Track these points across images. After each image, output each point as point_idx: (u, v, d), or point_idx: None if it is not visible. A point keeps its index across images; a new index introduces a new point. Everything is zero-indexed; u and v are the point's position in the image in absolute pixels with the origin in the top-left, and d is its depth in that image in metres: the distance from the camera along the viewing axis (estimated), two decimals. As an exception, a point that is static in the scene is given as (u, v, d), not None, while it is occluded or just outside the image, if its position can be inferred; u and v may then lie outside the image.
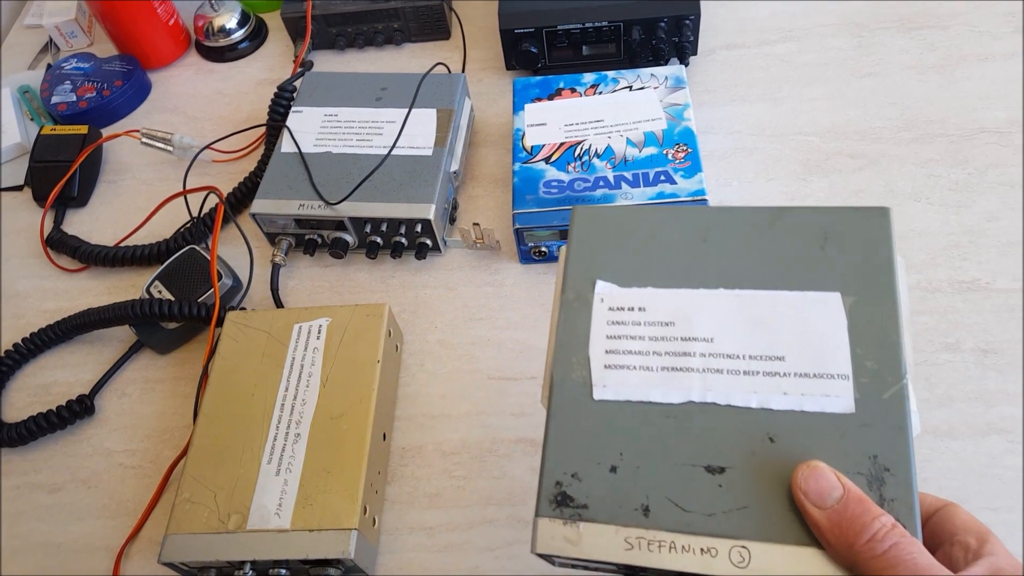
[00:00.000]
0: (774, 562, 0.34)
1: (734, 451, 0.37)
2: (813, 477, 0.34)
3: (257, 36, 0.95)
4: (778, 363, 0.38)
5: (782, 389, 0.37)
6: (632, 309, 0.41)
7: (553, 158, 0.68)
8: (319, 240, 0.71)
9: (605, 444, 0.38)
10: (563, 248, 0.45)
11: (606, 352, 0.41)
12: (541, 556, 0.37)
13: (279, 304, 0.69)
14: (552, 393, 0.40)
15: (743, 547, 0.34)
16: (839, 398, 0.37)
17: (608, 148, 0.68)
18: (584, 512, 0.37)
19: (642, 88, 0.72)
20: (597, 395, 0.40)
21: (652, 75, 0.73)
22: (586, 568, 0.38)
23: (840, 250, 0.41)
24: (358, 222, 0.68)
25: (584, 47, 0.80)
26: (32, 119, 0.89)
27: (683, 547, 0.35)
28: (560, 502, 0.37)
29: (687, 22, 0.77)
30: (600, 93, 0.73)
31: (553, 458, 0.38)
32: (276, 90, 0.79)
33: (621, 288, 0.42)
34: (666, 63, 0.80)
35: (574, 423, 0.39)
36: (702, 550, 0.35)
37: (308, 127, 0.73)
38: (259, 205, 0.69)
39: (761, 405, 0.37)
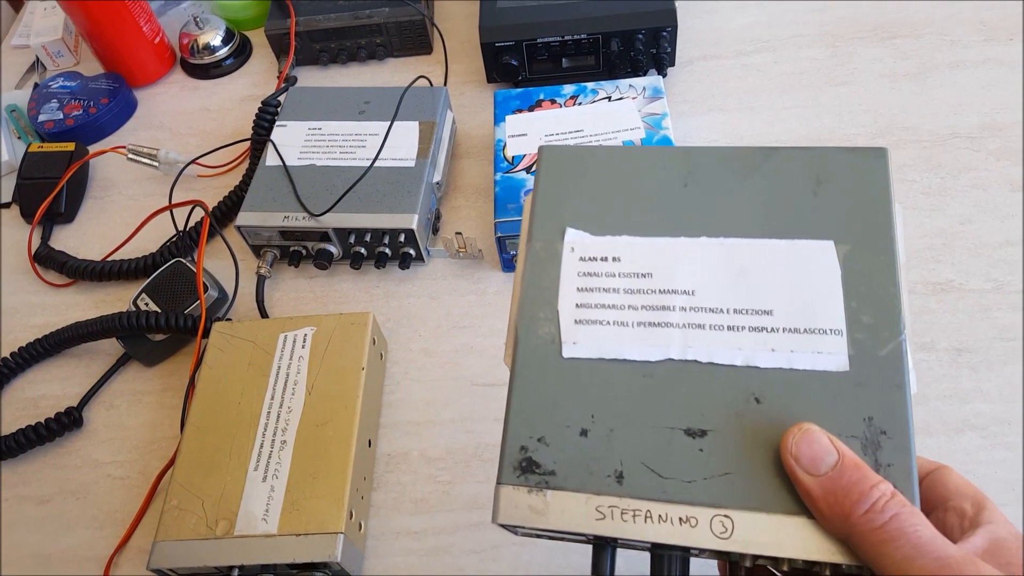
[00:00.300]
0: (760, 532, 0.31)
1: (716, 413, 0.34)
2: (805, 441, 0.31)
3: (241, 53, 0.97)
4: (765, 317, 0.35)
5: (770, 345, 0.34)
6: (606, 259, 0.38)
7: (534, 168, 0.69)
8: (304, 252, 0.72)
9: (575, 406, 0.35)
10: (529, 193, 0.41)
11: (577, 306, 0.37)
12: (503, 527, 0.35)
13: (264, 315, 0.70)
14: (516, 351, 0.37)
15: (726, 516, 0.32)
16: (832, 355, 0.34)
17: (588, 157, 0.69)
18: (551, 479, 0.34)
19: (621, 99, 0.74)
20: (566, 352, 0.36)
21: (631, 86, 0.75)
22: (552, 539, 0.36)
23: (834, 195, 0.37)
24: (342, 233, 0.69)
25: (564, 59, 0.81)
26: (19, 137, 0.89)
27: (660, 516, 0.32)
28: (525, 469, 0.34)
29: (664, 34, 0.79)
30: (580, 104, 0.74)
31: (517, 421, 0.35)
32: (260, 105, 0.80)
33: (594, 236, 0.39)
34: (644, 74, 0.81)
35: (541, 383, 0.36)
36: (681, 519, 0.32)
37: (292, 141, 0.74)
38: (244, 218, 0.70)
39: (746, 363, 0.34)
